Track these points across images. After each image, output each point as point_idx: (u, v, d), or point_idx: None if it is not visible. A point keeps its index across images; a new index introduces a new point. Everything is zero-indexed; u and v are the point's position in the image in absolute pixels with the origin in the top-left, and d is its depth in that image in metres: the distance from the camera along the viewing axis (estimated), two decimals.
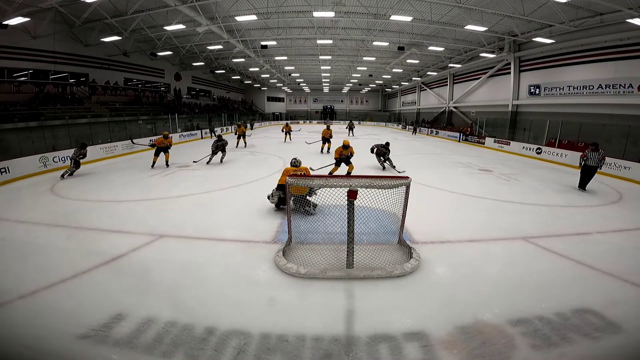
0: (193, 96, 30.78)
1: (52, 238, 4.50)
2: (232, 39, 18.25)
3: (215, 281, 3.39)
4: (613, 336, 2.59)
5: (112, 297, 3.03)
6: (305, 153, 12.99)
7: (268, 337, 2.52)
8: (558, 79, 16.06)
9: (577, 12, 12.48)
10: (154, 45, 20.33)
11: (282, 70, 31.40)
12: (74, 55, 17.89)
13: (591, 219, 5.61)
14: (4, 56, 14.61)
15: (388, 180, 3.51)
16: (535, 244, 4.42)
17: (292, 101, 48.96)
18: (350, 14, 15.50)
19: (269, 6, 14.53)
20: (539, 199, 6.77)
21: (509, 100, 19.32)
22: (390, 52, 22.64)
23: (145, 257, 3.91)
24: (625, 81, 12.81)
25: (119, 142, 13.17)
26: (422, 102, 34.11)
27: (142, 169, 9.87)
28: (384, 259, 3.73)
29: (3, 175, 7.96)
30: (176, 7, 12.94)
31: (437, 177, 8.86)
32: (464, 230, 4.89)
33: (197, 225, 4.94)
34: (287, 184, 3.75)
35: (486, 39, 18.22)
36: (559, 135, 13.82)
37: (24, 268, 3.60)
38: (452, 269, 3.76)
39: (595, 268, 3.73)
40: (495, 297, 3.12)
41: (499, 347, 2.44)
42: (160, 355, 2.32)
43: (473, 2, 12.89)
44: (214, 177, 8.68)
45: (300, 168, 5.94)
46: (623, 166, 9.57)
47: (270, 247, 4.15)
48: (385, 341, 2.50)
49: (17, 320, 2.70)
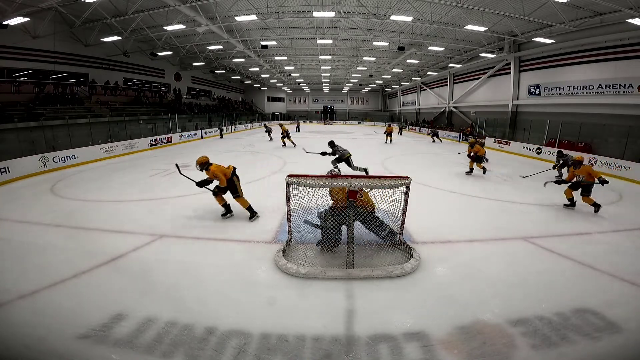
0: (193, 96, 30.77)
1: (51, 238, 4.50)
2: (232, 39, 18.25)
3: (215, 281, 3.39)
4: (613, 336, 2.59)
5: (112, 297, 3.03)
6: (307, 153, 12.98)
7: (268, 337, 2.52)
8: (558, 79, 16.06)
9: (577, 12, 12.47)
10: (154, 45, 20.33)
11: (282, 70, 31.40)
12: (74, 55, 17.90)
13: (591, 219, 5.61)
14: (4, 56, 14.61)
15: (388, 180, 3.51)
16: (535, 244, 4.42)
17: (292, 101, 48.95)
18: (350, 14, 15.49)
19: (269, 6, 14.53)
20: (539, 199, 6.76)
21: (509, 100, 19.32)
22: (390, 52, 22.64)
23: (145, 257, 3.91)
24: (625, 81, 12.81)
25: (119, 142, 13.19)
26: (422, 102, 34.11)
27: (142, 169, 9.87)
28: (384, 259, 3.73)
29: (3, 175, 7.97)
30: (176, 7, 12.93)
31: (437, 177, 8.86)
32: (464, 230, 4.89)
33: (197, 225, 4.94)
34: (288, 184, 3.73)
35: (486, 39, 18.22)
36: (559, 135, 13.82)
37: (23, 268, 3.60)
38: (452, 269, 3.76)
39: (595, 268, 3.72)
40: (495, 297, 3.12)
41: (499, 347, 2.44)
42: (160, 356, 2.32)
43: (473, 2, 12.89)
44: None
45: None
46: (623, 166, 9.57)
47: (270, 247, 4.15)
48: (385, 341, 2.50)
49: (17, 320, 2.70)
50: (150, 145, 15.44)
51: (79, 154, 10.77)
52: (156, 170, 9.49)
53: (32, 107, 14.77)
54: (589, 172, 5.86)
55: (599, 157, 10.60)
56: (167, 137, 17.22)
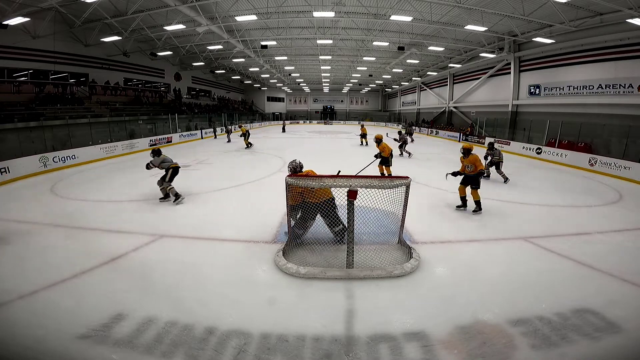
0: (193, 96, 30.78)
1: (52, 238, 4.50)
2: (232, 39, 18.25)
3: (215, 281, 3.39)
4: (613, 336, 2.59)
5: (112, 297, 3.03)
6: (306, 153, 12.99)
7: (268, 337, 2.52)
8: (558, 79, 16.06)
9: (577, 12, 12.47)
10: (154, 45, 20.33)
11: (282, 70, 31.40)
12: (74, 55, 17.90)
13: (591, 219, 5.61)
14: (4, 56, 14.62)
15: (388, 180, 3.52)
16: (535, 244, 4.42)
17: (292, 101, 48.96)
18: (350, 14, 15.50)
19: (269, 6, 14.53)
20: (539, 199, 6.76)
21: (509, 100, 19.32)
22: (390, 52, 22.64)
23: (145, 257, 3.91)
24: (625, 81, 12.81)
25: (118, 142, 13.19)
26: (422, 102, 34.11)
27: (142, 169, 9.85)
28: (384, 259, 3.72)
29: (3, 175, 7.96)
30: (176, 7, 12.94)
31: (437, 177, 8.83)
32: (464, 230, 4.89)
33: (197, 225, 4.94)
34: (287, 184, 3.74)
35: (486, 39, 18.22)
36: (559, 135, 13.82)
37: (23, 268, 3.60)
38: (452, 269, 3.76)
39: (595, 268, 3.72)
40: (495, 297, 3.12)
41: (499, 347, 2.44)
42: (160, 356, 2.32)
43: (473, 2, 12.89)
44: (214, 177, 8.68)
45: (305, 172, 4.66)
46: (623, 166, 9.56)
47: (270, 247, 4.15)
48: (385, 341, 2.50)
49: (16, 321, 2.70)
50: (150, 145, 15.43)
51: (79, 154, 10.77)
52: (156, 170, 9.46)
53: (32, 107, 14.77)
54: (475, 162, 5.61)
55: (599, 157, 10.60)
56: (167, 137, 17.23)
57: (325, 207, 3.91)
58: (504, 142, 16.43)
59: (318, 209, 3.94)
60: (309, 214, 4.01)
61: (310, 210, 3.95)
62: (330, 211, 3.94)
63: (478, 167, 5.61)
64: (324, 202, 3.91)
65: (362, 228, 3.89)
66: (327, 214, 3.98)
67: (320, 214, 4.02)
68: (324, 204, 3.91)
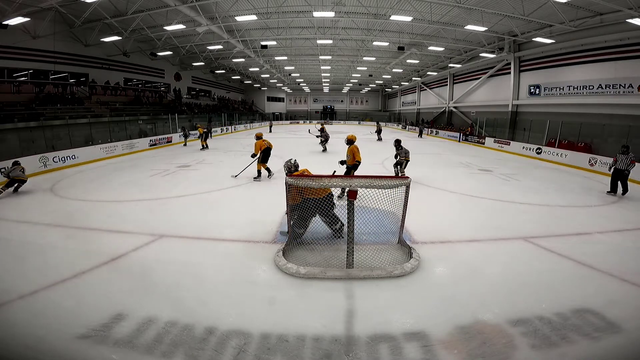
0: (193, 96, 30.77)
1: (52, 238, 4.50)
2: (232, 39, 18.25)
3: (215, 281, 3.39)
4: (613, 336, 2.59)
5: (112, 297, 3.03)
6: (306, 152, 12.99)
7: (268, 337, 2.52)
8: (558, 79, 16.06)
9: (577, 12, 12.47)
10: (154, 45, 20.33)
11: (282, 70, 31.40)
12: (74, 55, 17.90)
13: (591, 219, 5.61)
14: (4, 56, 14.61)
15: (388, 180, 3.51)
16: (535, 244, 4.41)
17: (292, 101, 48.96)
18: (350, 14, 15.49)
19: (269, 6, 14.53)
20: (539, 199, 6.76)
21: (509, 100, 19.32)
22: (390, 52, 22.64)
23: (145, 257, 3.91)
24: (625, 81, 12.81)
25: (118, 142, 13.20)
26: (422, 102, 34.11)
27: (142, 169, 9.87)
28: (384, 259, 3.72)
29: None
30: (176, 7, 12.94)
31: (437, 177, 8.86)
32: (464, 230, 4.89)
33: (197, 225, 4.94)
34: (287, 185, 3.74)
35: (486, 39, 18.22)
36: (559, 135, 13.82)
37: (23, 268, 3.60)
38: (452, 269, 3.76)
39: (595, 268, 3.72)
40: (495, 297, 3.12)
41: (499, 347, 2.44)
42: (160, 356, 2.32)
43: (473, 2, 12.89)
44: (214, 177, 8.69)
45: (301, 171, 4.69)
46: None
47: (270, 247, 4.15)
48: (385, 341, 2.50)
49: (17, 320, 2.70)
50: (150, 145, 15.45)
51: (79, 154, 10.77)
52: (156, 170, 9.49)
53: (32, 107, 14.76)
54: (353, 153, 5.74)
55: (599, 157, 10.60)
56: (167, 137, 17.23)
57: (324, 203, 3.96)
58: (504, 142, 16.45)
59: (317, 206, 3.97)
60: (308, 211, 4.03)
61: (310, 207, 3.97)
62: (329, 208, 4.01)
63: (356, 158, 5.85)
64: (324, 198, 3.97)
65: (362, 228, 3.89)
66: (326, 212, 4.04)
67: (319, 212, 4.04)
68: (323, 199, 3.96)
